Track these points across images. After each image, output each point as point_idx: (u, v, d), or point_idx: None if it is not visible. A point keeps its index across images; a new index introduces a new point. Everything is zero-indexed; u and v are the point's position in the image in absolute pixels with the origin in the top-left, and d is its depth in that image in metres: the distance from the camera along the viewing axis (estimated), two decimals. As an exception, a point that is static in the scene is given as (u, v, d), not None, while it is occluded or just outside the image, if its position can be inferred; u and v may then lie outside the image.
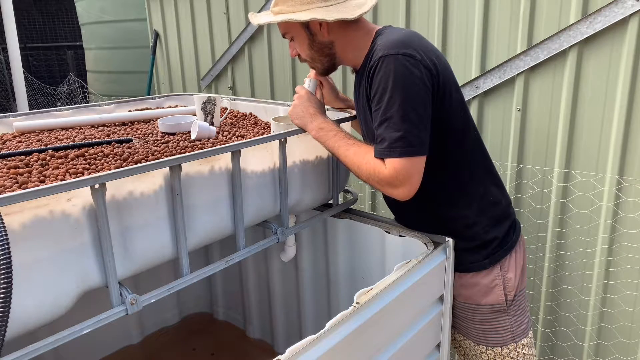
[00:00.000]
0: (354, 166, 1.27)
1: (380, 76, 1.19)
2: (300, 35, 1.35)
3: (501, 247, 1.38)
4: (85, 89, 5.83)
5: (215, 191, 1.18)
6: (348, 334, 1.01)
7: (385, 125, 1.19)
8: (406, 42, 1.21)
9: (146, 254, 1.07)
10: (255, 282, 2.06)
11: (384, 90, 1.18)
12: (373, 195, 2.58)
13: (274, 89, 2.86)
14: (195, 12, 3.15)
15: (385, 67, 1.18)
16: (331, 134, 1.31)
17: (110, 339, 2.07)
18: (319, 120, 1.34)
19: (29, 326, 0.90)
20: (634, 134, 1.76)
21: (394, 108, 1.17)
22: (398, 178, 1.19)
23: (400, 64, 1.17)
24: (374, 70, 1.21)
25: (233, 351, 2.14)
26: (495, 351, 1.39)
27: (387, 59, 1.18)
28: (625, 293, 1.89)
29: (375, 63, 1.21)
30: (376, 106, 1.21)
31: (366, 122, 1.37)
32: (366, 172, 1.24)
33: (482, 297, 1.37)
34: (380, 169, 1.21)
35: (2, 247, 0.78)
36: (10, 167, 1.12)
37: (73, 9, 5.82)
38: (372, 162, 1.23)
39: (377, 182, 1.23)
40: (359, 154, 1.26)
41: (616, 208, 1.84)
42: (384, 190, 1.24)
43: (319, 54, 1.37)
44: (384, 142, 1.19)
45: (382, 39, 1.26)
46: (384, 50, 1.20)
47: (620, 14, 1.68)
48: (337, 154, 1.30)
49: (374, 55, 1.23)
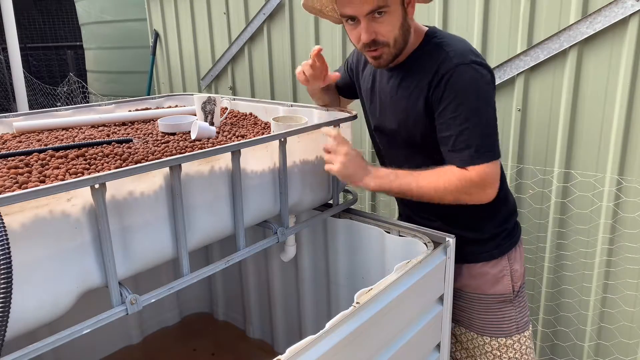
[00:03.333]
0: (436, 193, 1.25)
1: (459, 84, 1.21)
2: (396, 11, 1.23)
3: (509, 239, 1.43)
4: (85, 89, 5.83)
5: (215, 191, 1.18)
6: (348, 334, 1.01)
7: (469, 133, 1.21)
8: (474, 50, 1.26)
9: (146, 254, 1.07)
10: (255, 282, 2.06)
11: (464, 99, 1.21)
12: (373, 195, 2.58)
13: (274, 89, 2.86)
14: (195, 12, 3.15)
15: (464, 75, 1.20)
16: (391, 177, 1.29)
17: (110, 339, 2.07)
18: (373, 171, 1.31)
19: (29, 326, 0.90)
20: (634, 134, 1.76)
21: (478, 116, 1.21)
22: (487, 181, 1.22)
23: (479, 74, 1.22)
24: (448, 76, 1.21)
25: (233, 351, 2.14)
26: (500, 341, 1.41)
27: (465, 67, 1.21)
28: (625, 293, 1.89)
29: (451, 70, 1.21)
30: (453, 113, 1.22)
31: (395, 113, 1.37)
32: (454, 190, 1.23)
33: (490, 287, 1.41)
34: (467, 178, 1.22)
35: (2, 247, 0.78)
36: (10, 167, 1.12)
37: (73, 9, 5.82)
38: (454, 176, 1.23)
39: (466, 192, 1.23)
40: (432, 179, 1.25)
41: (616, 208, 1.84)
42: (473, 197, 1.25)
43: (402, 38, 1.28)
44: (469, 149, 1.21)
45: (448, 45, 1.26)
46: (459, 58, 1.22)
47: (620, 14, 1.68)
48: (410, 191, 1.27)
49: (445, 62, 1.23)
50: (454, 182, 1.23)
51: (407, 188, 1.27)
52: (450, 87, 1.21)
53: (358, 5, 1.20)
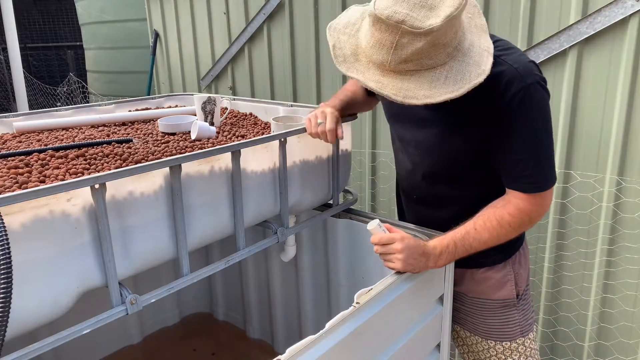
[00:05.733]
0: (499, 236, 1.19)
1: (533, 106, 1.10)
2: None
3: (513, 243, 1.38)
4: (85, 89, 5.83)
5: (215, 191, 1.18)
6: (348, 334, 1.01)
7: (541, 157, 1.14)
8: (533, 64, 1.14)
9: (146, 254, 1.07)
10: (255, 282, 2.06)
11: (537, 122, 1.12)
12: (373, 196, 2.58)
13: (274, 89, 2.86)
14: (195, 12, 3.15)
15: (536, 96, 1.10)
16: (450, 247, 1.20)
17: (110, 339, 2.06)
18: (433, 251, 1.20)
19: (29, 326, 0.90)
20: (634, 134, 1.76)
21: (548, 140, 1.15)
22: (547, 206, 1.19)
23: (547, 94, 1.13)
24: (520, 97, 1.09)
25: (233, 351, 2.14)
26: (505, 345, 1.40)
27: (537, 87, 1.10)
28: (625, 293, 1.89)
29: (523, 89, 1.08)
30: (526, 137, 1.12)
31: (425, 124, 1.26)
32: (514, 225, 1.18)
33: (494, 292, 1.38)
34: (525, 208, 1.16)
35: (2, 247, 0.78)
36: (10, 167, 1.12)
37: (73, 9, 5.82)
38: (509, 213, 1.17)
39: (530, 220, 1.18)
40: (488, 225, 1.18)
41: (616, 208, 1.84)
42: (537, 219, 1.20)
43: None
44: (541, 173, 1.15)
45: (509, 55, 1.12)
46: (530, 76, 1.09)
47: (620, 14, 1.68)
48: (477, 250, 1.21)
49: (515, 80, 1.08)
50: (517, 215, 1.17)
51: (473, 250, 1.21)
52: (524, 108, 1.09)
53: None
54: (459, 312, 1.44)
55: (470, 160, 1.24)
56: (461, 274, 1.39)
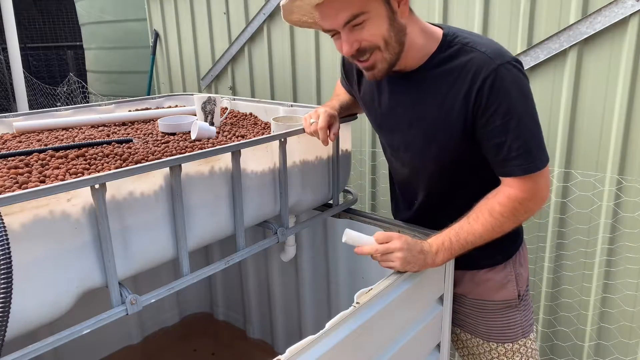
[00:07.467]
0: (493, 227, 1.17)
1: (505, 86, 1.09)
2: (379, 12, 1.09)
3: (513, 242, 1.38)
4: (85, 89, 5.83)
5: (215, 191, 1.18)
6: (348, 334, 1.01)
7: (525, 137, 1.11)
8: (504, 49, 1.15)
9: (146, 254, 1.07)
10: (255, 282, 2.06)
11: (513, 101, 1.10)
12: (373, 195, 2.58)
13: (274, 89, 2.86)
14: (195, 12, 3.15)
15: (508, 76, 1.09)
16: (446, 244, 1.20)
17: (110, 339, 2.07)
18: (430, 249, 1.20)
19: (29, 326, 0.90)
20: (634, 133, 1.76)
21: (530, 117, 1.12)
22: (548, 183, 1.17)
23: (521, 72, 1.12)
24: (491, 79, 1.09)
25: (233, 351, 2.14)
26: (506, 347, 1.40)
27: (508, 67, 1.10)
28: (625, 293, 1.89)
29: (493, 71, 1.09)
30: (503, 119, 1.10)
31: (411, 126, 1.26)
32: (507, 215, 1.15)
33: (495, 293, 1.37)
34: (515, 195, 1.14)
35: (2, 247, 0.78)
36: (10, 167, 1.12)
37: (73, 9, 5.82)
38: (499, 202, 1.15)
39: (523, 210, 1.16)
40: (480, 218, 1.17)
41: (616, 208, 1.84)
42: (537, 205, 1.17)
43: (396, 39, 1.12)
44: (529, 153, 1.12)
45: (479, 44, 1.14)
46: (499, 58, 1.10)
47: (620, 14, 1.68)
48: (474, 244, 1.19)
49: (485, 63, 1.10)
50: (508, 204, 1.15)
51: (471, 245, 1.20)
52: (496, 90, 1.09)
53: (333, 18, 1.09)
54: (458, 314, 1.44)
55: (463, 153, 1.23)
56: (461, 276, 1.38)
